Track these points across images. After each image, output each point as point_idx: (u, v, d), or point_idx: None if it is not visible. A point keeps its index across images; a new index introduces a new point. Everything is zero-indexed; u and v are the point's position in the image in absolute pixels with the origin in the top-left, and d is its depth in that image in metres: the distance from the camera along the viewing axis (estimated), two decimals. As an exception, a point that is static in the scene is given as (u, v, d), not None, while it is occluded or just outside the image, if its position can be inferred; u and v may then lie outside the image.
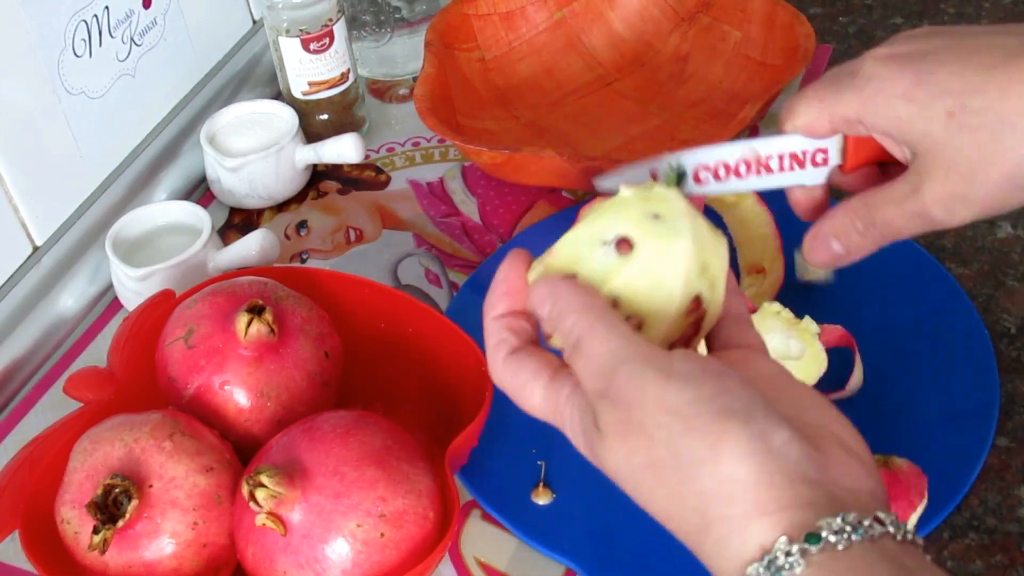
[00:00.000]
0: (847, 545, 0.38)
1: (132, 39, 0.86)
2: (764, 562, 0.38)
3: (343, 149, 0.87)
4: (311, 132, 0.93)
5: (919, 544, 0.40)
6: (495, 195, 0.88)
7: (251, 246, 0.81)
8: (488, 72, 0.95)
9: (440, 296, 0.81)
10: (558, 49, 0.98)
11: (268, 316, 0.63)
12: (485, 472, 0.68)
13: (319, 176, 0.92)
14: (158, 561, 0.58)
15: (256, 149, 0.87)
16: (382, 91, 1.00)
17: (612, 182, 0.58)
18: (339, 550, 0.56)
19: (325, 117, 0.93)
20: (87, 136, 0.83)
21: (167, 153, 0.90)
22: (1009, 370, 0.70)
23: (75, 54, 0.81)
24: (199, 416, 0.63)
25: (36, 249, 0.81)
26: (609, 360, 0.43)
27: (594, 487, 0.67)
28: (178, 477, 0.59)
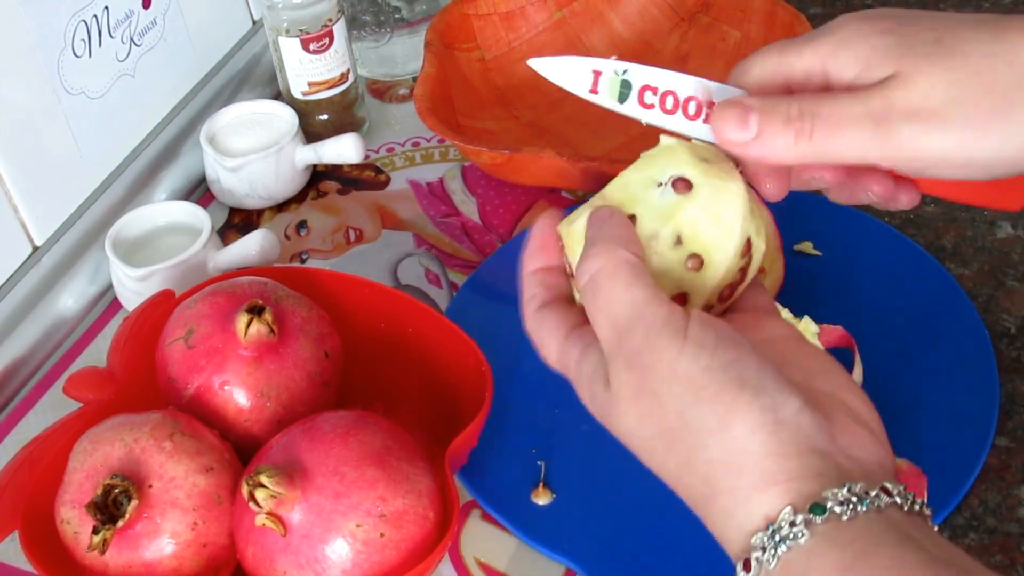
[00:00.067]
0: (852, 516, 0.38)
1: (132, 39, 0.86)
2: (768, 532, 0.39)
3: (343, 149, 0.87)
4: (311, 132, 0.93)
5: (927, 515, 0.40)
6: (495, 195, 0.88)
7: (251, 246, 0.81)
8: (488, 72, 0.95)
9: (440, 296, 0.81)
10: (558, 49, 0.98)
11: (268, 316, 0.63)
12: (485, 472, 0.68)
13: (319, 176, 0.92)
14: (158, 561, 0.58)
15: (256, 149, 0.87)
16: (382, 91, 1.00)
17: (550, 66, 0.53)
18: (339, 550, 0.56)
19: (325, 117, 0.93)
20: (87, 136, 0.83)
21: (167, 153, 0.90)
22: (1009, 370, 0.70)
23: (75, 54, 0.81)
24: (199, 416, 0.63)
25: (36, 249, 0.81)
26: (627, 312, 0.43)
27: (594, 487, 0.67)
28: (178, 477, 0.59)
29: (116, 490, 0.57)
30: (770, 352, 0.43)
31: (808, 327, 0.66)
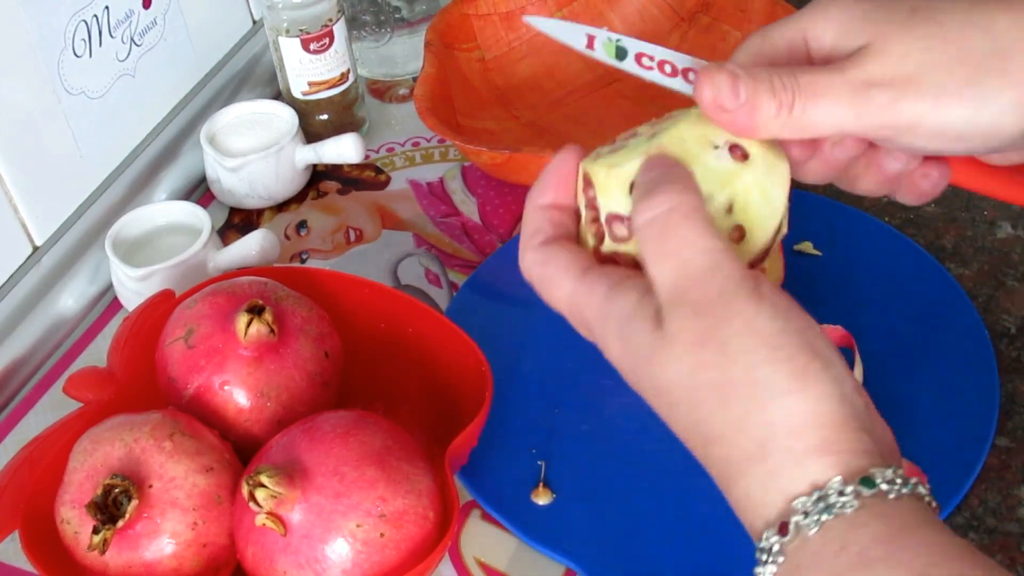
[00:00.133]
0: (897, 495, 0.39)
1: (132, 39, 0.86)
2: (814, 497, 0.39)
3: (343, 149, 0.87)
4: (311, 132, 0.93)
5: (936, 510, 0.42)
6: (495, 195, 0.88)
7: (251, 246, 0.81)
8: (488, 72, 0.95)
9: (440, 296, 0.81)
10: (558, 49, 0.97)
11: (268, 316, 0.63)
12: (485, 472, 0.68)
13: (319, 176, 0.92)
14: (158, 561, 0.58)
15: (256, 149, 0.87)
16: (382, 91, 1.00)
17: (546, 24, 0.53)
18: (339, 550, 0.56)
19: (325, 117, 0.93)
20: (87, 136, 0.83)
21: (167, 153, 0.90)
22: (1009, 370, 0.70)
23: (75, 54, 0.81)
24: (199, 416, 0.63)
25: (36, 249, 0.81)
26: (703, 260, 0.42)
27: (594, 487, 0.67)
28: (178, 477, 0.59)
29: (116, 490, 0.57)
30: None
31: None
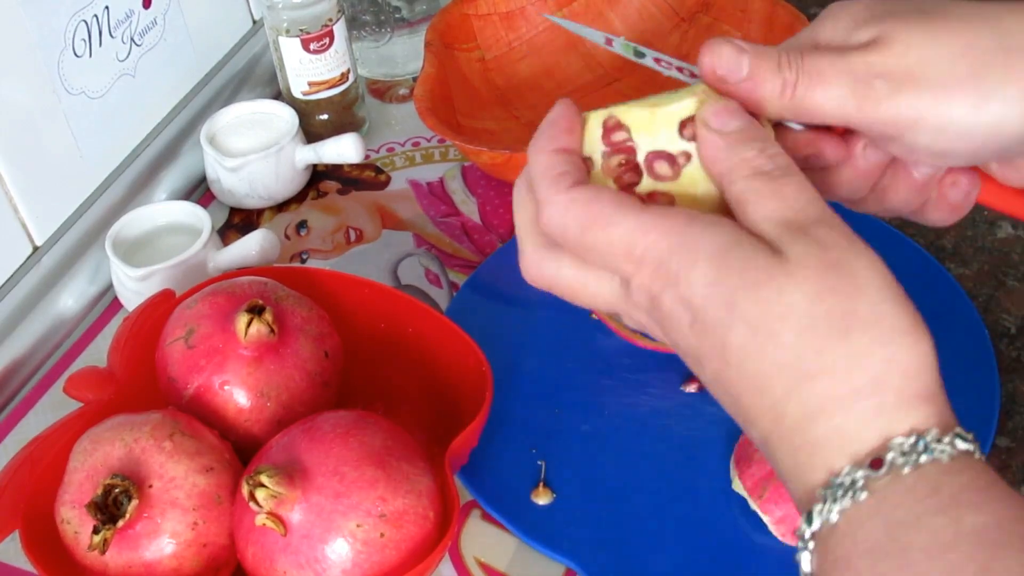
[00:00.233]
0: (980, 456, 0.41)
1: (132, 39, 0.86)
2: (912, 439, 0.40)
3: (343, 149, 0.87)
4: (311, 132, 0.93)
5: None
6: (495, 195, 0.88)
7: (251, 246, 0.81)
8: (488, 72, 0.95)
9: (440, 296, 0.81)
10: (558, 49, 0.98)
11: (268, 316, 0.63)
12: (485, 472, 0.68)
13: (319, 176, 0.92)
14: (158, 561, 0.58)
15: (256, 149, 0.87)
16: (382, 91, 1.00)
17: (569, 24, 0.56)
18: (339, 550, 0.56)
19: (325, 117, 0.93)
20: (87, 136, 0.83)
21: (167, 153, 0.90)
22: (1009, 370, 0.70)
23: (75, 54, 0.81)
24: (199, 416, 0.63)
25: (36, 249, 0.81)
26: (813, 209, 0.43)
27: (594, 487, 0.67)
28: (178, 477, 0.59)
29: (116, 490, 0.57)
30: None
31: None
